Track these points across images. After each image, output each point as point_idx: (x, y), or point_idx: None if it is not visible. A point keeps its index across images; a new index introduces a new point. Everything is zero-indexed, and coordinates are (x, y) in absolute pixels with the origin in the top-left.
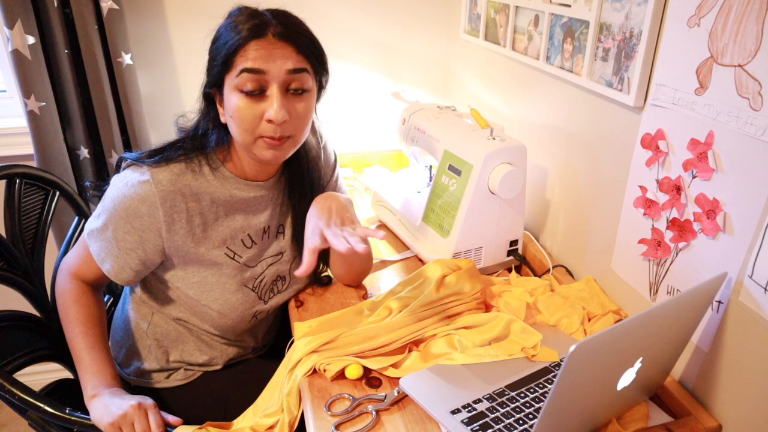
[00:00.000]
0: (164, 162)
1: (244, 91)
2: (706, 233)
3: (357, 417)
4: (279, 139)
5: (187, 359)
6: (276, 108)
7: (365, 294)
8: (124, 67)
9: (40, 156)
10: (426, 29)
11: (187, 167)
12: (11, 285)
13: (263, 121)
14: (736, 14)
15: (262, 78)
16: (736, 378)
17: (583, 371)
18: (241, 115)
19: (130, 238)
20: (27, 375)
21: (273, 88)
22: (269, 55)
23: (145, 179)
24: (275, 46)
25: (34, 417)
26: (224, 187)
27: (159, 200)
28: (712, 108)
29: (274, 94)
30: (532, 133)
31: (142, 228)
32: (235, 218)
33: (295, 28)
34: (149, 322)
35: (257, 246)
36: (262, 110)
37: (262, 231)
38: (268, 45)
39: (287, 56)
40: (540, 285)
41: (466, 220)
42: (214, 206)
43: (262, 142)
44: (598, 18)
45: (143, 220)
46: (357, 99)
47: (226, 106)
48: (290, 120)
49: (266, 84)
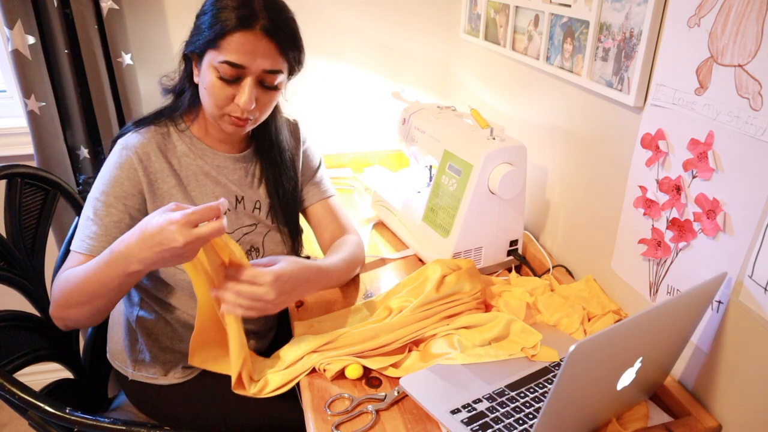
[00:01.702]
0: (134, 129)
1: (221, 76)
2: (706, 233)
3: (357, 417)
4: (243, 119)
5: (177, 347)
6: (246, 99)
7: (365, 294)
8: (124, 67)
9: (40, 156)
10: (426, 29)
11: (157, 131)
12: (11, 285)
13: (233, 102)
14: (736, 14)
15: (241, 71)
16: (736, 378)
17: (583, 371)
18: (214, 93)
19: (115, 210)
20: (27, 375)
21: (247, 80)
22: (253, 51)
23: (118, 149)
24: (260, 42)
25: (35, 417)
26: (192, 150)
27: (136, 161)
28: (712, 108)
29: (248, 85)
30: (532, 133)
31: (124, 195)
32: (206, 183)
33: (282, 25)
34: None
35: (231, 212)
36: (233, 93)
37: (235, 199)
38: (254, 40)
39: (268, 55)
40: (540, 285)
41: (466, 220)
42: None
43: (228, 118)
44: (598, 18)
45: (124, 186)
46: (357, 99)
47: (201, 77)
48: (256, 107)
49: (243, 75)
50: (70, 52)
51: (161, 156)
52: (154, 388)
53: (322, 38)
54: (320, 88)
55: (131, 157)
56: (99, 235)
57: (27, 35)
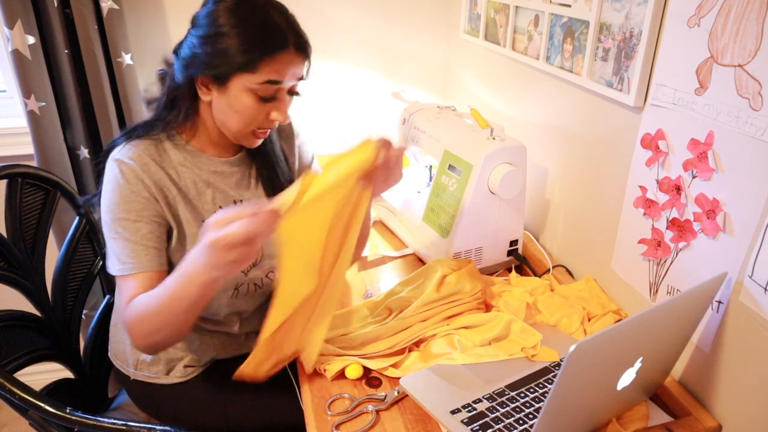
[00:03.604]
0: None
1: (260, 96)
2: (706, 233)
3: (357, 417)
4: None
5: (179, 347)
6: (284, 112)
7: (365, 294)
8: (124, 67)
9: (40, 156)
10: (426, 29)
11: (150, 143)
12: (11, 285)
13: (267, 119)
14: (736, 14)
15: (280, 87)
16: (736, 378)
17: (583, 371)
18: (251, 114)
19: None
20: (27, 375)
21: (284, 94)
22: (291, 67)
23: (117, 165)
24: (294, 58)
25: (35, 417)
26: (187, 159)
27: (140, 172)
28: (712, 108)
29: (284, 99)
30: (532, 133)
31: (141, 208)
32: (205, 191)
33: (305, 38)
34: None
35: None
36: (269, 110)
37: (233, 203)
38: (292, 58)
39: (299, 67)
40: (540, 285)
41: (466, 220)
42: (183, 178)
43: (255, 133)
44: (598, 18)
45: (139, 199)
46: (357, 99)
47: (232, 99)
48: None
49: (279, 90)
50: (70, 52)
51: (158, 167)
52: (155, 387)
53: (323, 38)
54: (320, 88)
55: (135, 170)
56: (138, 251)
57: (27, 35)
